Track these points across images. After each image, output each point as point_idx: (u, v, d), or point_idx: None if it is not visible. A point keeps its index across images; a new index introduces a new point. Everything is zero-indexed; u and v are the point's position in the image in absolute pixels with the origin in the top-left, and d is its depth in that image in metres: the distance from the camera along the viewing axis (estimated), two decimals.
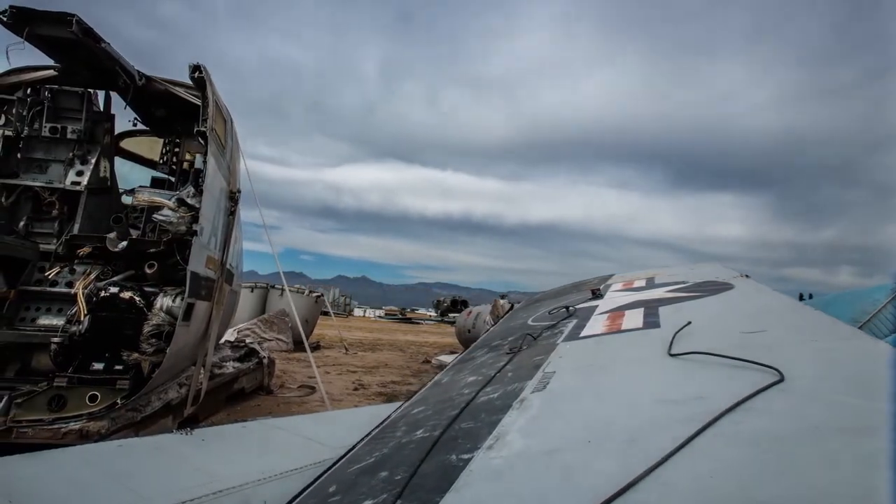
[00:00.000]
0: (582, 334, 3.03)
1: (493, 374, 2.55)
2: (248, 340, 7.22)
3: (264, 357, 6.43)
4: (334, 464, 2.18)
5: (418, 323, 42.86)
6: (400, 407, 2.87)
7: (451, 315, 47.87)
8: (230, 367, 5.43)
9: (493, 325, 10.24)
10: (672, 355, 2.15)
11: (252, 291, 13.07)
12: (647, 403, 1.63)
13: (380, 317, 52.83)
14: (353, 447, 2.31)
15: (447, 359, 11.64)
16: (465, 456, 1.50)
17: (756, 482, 1.06)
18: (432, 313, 58.86)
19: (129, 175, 6.14)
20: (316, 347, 13.17)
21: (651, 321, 2.96)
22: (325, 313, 15.99)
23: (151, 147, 6.36)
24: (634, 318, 3.14)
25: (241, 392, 5.81)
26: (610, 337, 2.83)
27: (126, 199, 5.40)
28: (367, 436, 2.44)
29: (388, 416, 2.70)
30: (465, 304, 48.11)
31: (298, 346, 12.76)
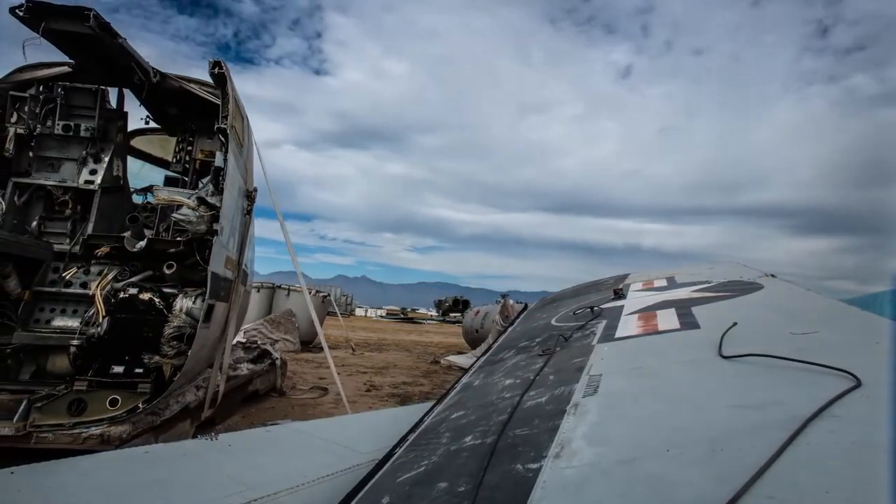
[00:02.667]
0: (617, 335, 2.95)
1: (533, 376, 2.46)
2: (259, 341, 7.14)
3: (277, 358, 6.35)
4: (375, 471, 2.09)
5: (420, 323, 42.74)
6: (431, 411, 2.79)
7: (452, 315, 47.72)
8: (244, 368, 5.35)
9: (503, 326, 10.14)
10: (725, 357, 2.07)
11: (258, 291, 12.97)
12: (720, 409, 1.55)
13: (381, 316, 52.72)
14: (392, 453, 2.23)
15: (457, 359, 11.55)
16: (532, 466, 1.42)
17: (875, 496, 0.98)
18: (433, 313, 58.69)
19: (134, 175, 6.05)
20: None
21: (687, 322, 2.88)
22: (332, 313, 15.90)
23: (162, 145, 6.28)
24: (669, 319, 3.06)
25: (254, 394, 5.74)
26: (648, 338, 2.75)
27: (137, 199, 5.32)
28: (402, 441, 2.36)
29: (422, 421, 2.61)
30: (466, 303, 47.98)
31: (305, 346, 12.67)
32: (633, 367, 2.21)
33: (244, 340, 7.25)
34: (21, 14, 3.42)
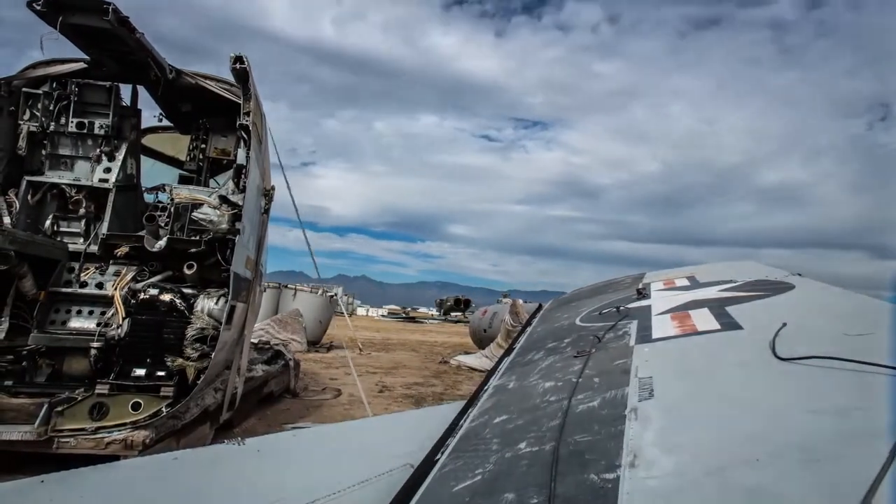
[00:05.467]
0: (654, 336, 2.87)
1: (575, 379, 2.38)
2: (272, 342, 7.06)
3: (290, 359, 6.28)
4: (418, 477, 2.01)
5: (422, 322, 42.64)
6: (465, 414, 2.71)
7: (453, 314, 47.66)
8: (259, 370, 5.27)
9: (513, 326, 10.06)
10: (782, 359, 1.99)
11: (264, 291, 12.89)
12: (797, 414, 1.47)
13: (383, 316, 52.60)
14: (433, 459, 2.15)
15: (466, 359, 11.47)
16: (608, 476, 1.34)
17: None
18: (434, 312, 58.62)
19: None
20: (330, 348, 13.02)
21: (726, 322, 2.80)
22: (338, 313, 15.84)
23: (173, 144, 6.20)
24: (705, 319, 2.97)
25: (269, 395, 5.66)
26: (690, 339, 2.66)
27: (148, 197, 5.24)
28: (443, 446, 2.28)
29: (459, 425, 2.53)
30: (467, 303, 47.92)
31: (311, 346, 12.60)
32: (684, 370, 2.13)
33: (255, 341, 7.17)
34: (38, 8, 3.33)
